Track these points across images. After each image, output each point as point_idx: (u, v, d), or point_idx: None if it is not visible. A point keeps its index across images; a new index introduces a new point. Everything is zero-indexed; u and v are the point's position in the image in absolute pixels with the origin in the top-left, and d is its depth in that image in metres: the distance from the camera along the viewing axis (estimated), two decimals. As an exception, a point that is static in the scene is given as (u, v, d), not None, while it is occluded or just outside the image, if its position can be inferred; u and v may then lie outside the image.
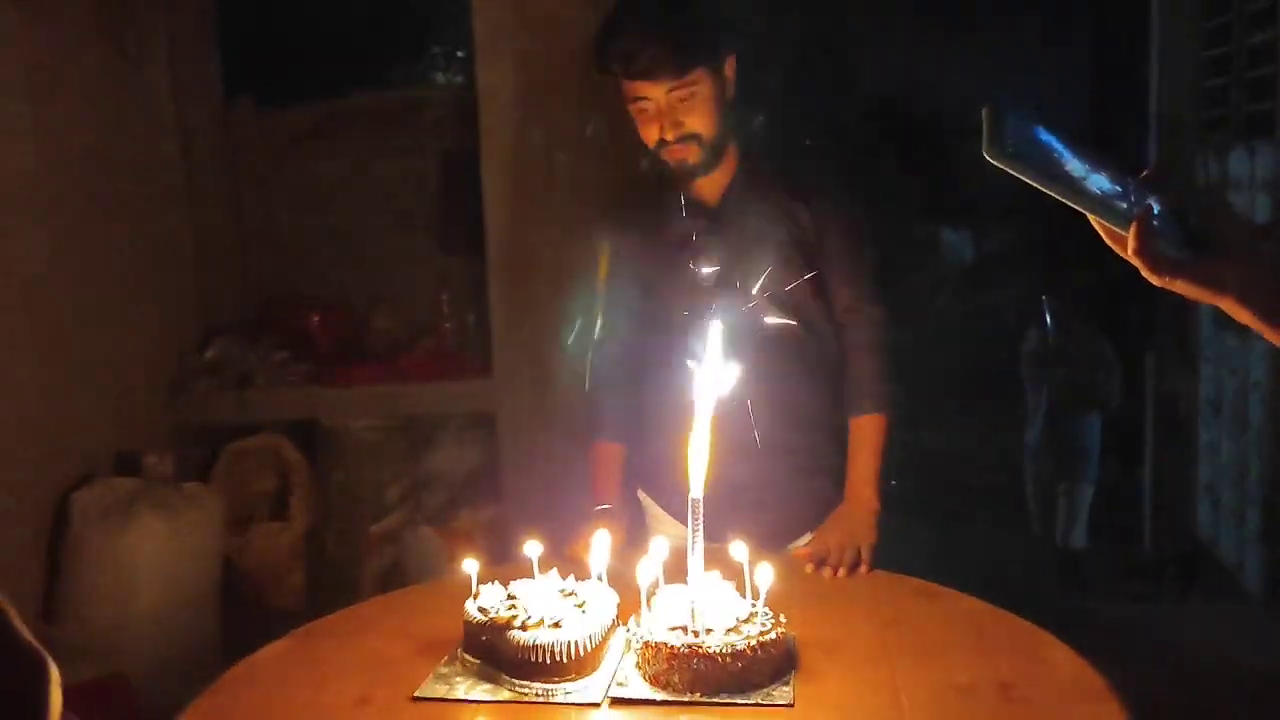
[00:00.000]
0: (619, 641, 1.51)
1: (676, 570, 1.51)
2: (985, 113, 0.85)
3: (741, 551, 1.53)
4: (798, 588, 1.73)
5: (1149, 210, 0.87)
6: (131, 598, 2.90)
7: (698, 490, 1.46)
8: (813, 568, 1.86)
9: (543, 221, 3.11)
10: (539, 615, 1.45)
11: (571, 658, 1.42)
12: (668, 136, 1.88)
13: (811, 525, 1.99)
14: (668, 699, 1.39)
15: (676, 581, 1.51)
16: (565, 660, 1.42)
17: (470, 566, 1.57)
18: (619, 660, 1.48)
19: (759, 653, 1.39)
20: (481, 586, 1.55)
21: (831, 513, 1.98)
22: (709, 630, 1.40)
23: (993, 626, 1.62)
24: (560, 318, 2.27)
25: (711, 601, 1.46)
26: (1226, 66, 3.71)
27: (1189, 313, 3.95)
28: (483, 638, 1.48)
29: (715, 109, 1.89)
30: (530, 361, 3.15)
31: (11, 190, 2.85)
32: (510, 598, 1.52)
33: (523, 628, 1.44)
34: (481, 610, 1.49)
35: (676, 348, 1.47)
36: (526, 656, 1.42)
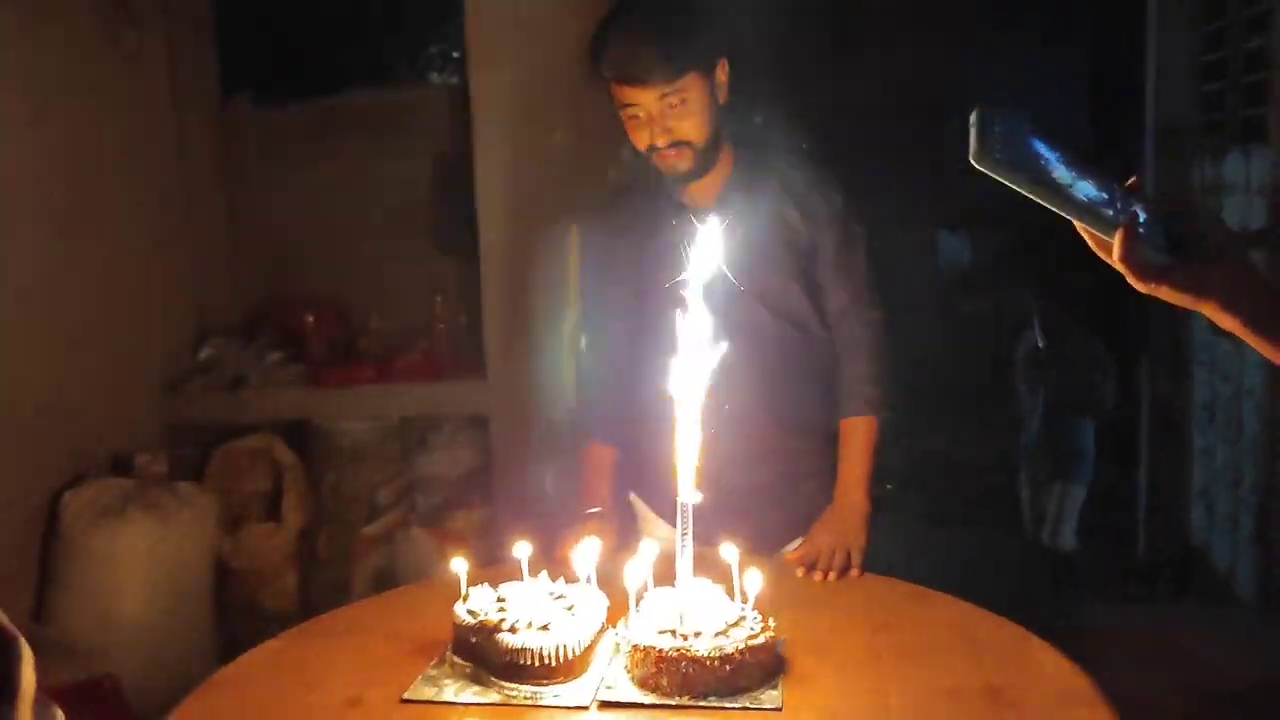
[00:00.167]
0: (608, 644, 1.51)
1: (666, 573, 1.51)
2: (973, 118, 0.84)
3: (731, 555, 1.53)
4: (787, 591, 1.73)
5: (1134, 217, 0.87)
6: (123, 598, 2.90)
7: (686, 494, 1.46)
8: (803, 571, 1.86)
9: (536, 223, 3.11)
10: (528, 618, 1.45)
11: (560, 661, 1.42)
12: (658, 142, 1.88)
13: (802, 530, 1.99)
14: (656, 702, 1.39)
15: (665, 584, 1.51)
16: (554, 663, 1.42)
17: (459, 568, 1.57)
18: (607, 663, 1.48)
19: (747, 656, 1.39)
20: (471, 589, 1.55)
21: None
22: (697, 634, 1.40)
23: (983, 630, 1.61)
24: (553, 320, 2.27)
25: (700, 605, 1.46)
26: (1223, 71, 3.71)
27: (1183, 317, 3.94)
28: (472, 640, 1.48)
29: (707, 114, 1.89)
30: (523, 363, 3.15)
31: (6, 189, 2.85)
32: (499, 600, 1.52)
33: (511, 630, 1.44)
34: (470, 613, 1.49)
35: (667, 350, 1.47)
36: (515, 659, 1.42)
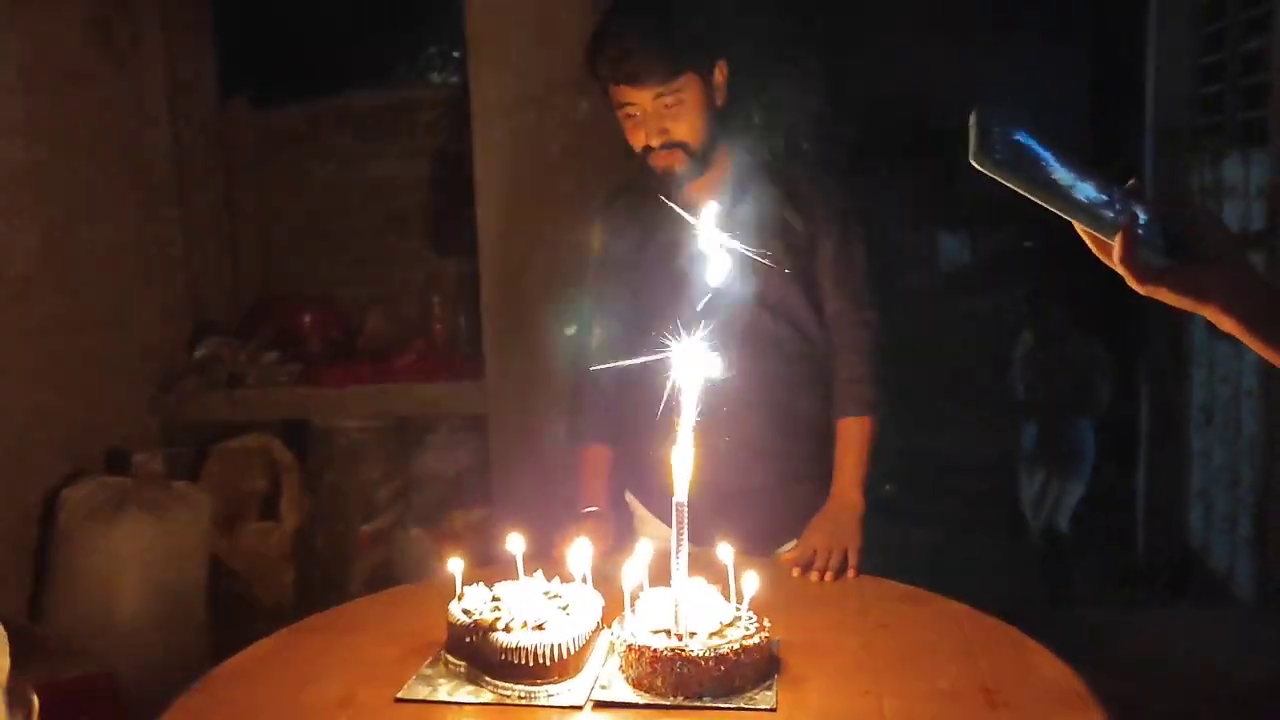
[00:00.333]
0: (603, 644, 1.51)
1: (661, 573, 1.51)
2: (972, 119, 0.84)
3: (727, 555, 1.52)
4: (783, 591, 1.73)
5: (1134, 218, 0.87)
6: (119, 596, 2.89)
7: (682, 494, 1.46)
8: (799, 572, 1.86)
9: (535, 223, 3.11)
10: (523, 617, 1.45)
11: (555, 660, 1.42)
12: (653, 143, 1.88)
13: (797, 531, 1.98)
14: (650, 703, 1.38)
15: (661, 584, 1.51)
16: (548, 663, 1.41)
17: (455, 567, 1.57)
18: (602, 663, 1.47)
19: (742, 657, 1.39)
20: (466, 588, 1.55)
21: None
22: (692, 634, 1.40)
23: (978, 631, 1.61)
24: (552, 319, 2.27)
25: (695, 605, 1.46)
26: (1222, 73, 3.71)
27: (1182, 319, 3.94)
28: (467, 639, 1.47)
29: (703, 116, 1.88)
30: (522, 363, 3.14)
31: (2, 187, 2.85)
32: (494, 599, 1.51)
33: (506, 630, 1.44)
34: (465, 612, 1.49)
35: (664, 351, 1.47)
36: (509, 659, 1.42)
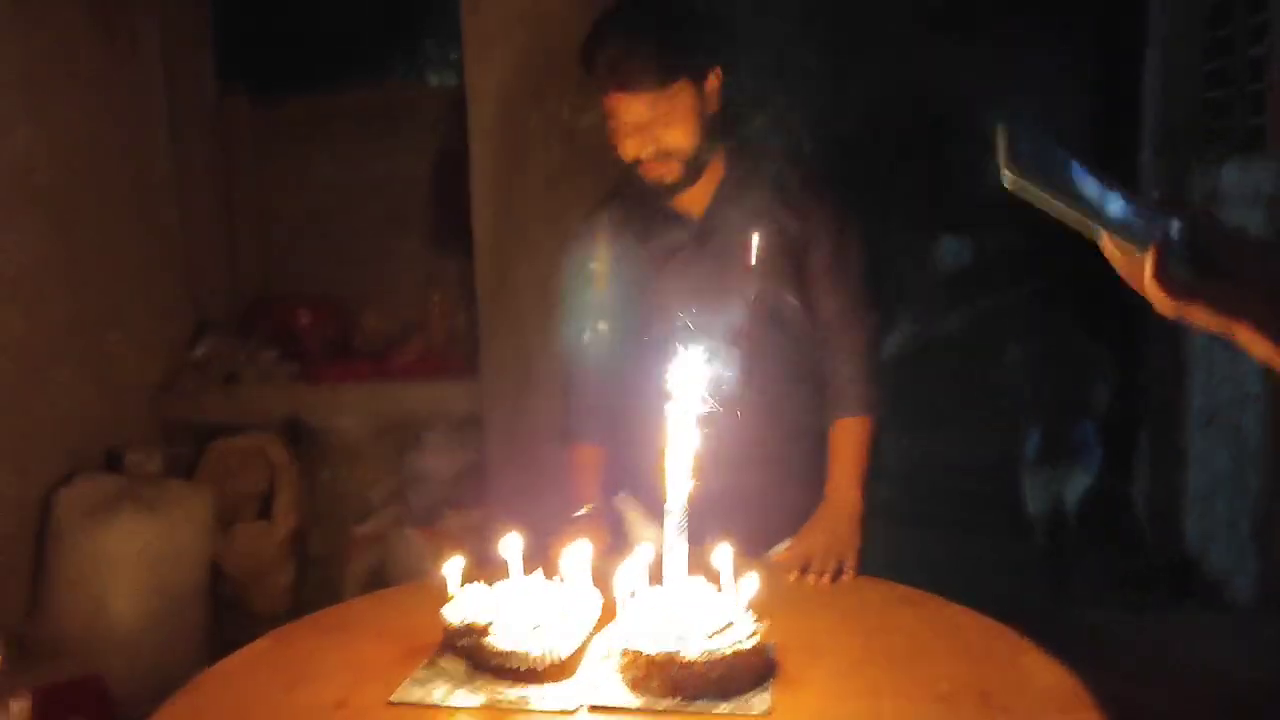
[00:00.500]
0: (598, 647, 1.50)
1: (657, 575, 1.50)
2: (1000, 134, 0.82)
3: (723, 557, 1.51)
4: (779, 594, 1.72)
5: (1166, 233, 0.85)
6: (115, 596, 2.88)
7: (679, 495, 1.45)
8: (796, 575, 1.84)
9: (532, 222, 3.10)
10: (518, 619, 1.44)
11: (550, 663, 1.41)
12: (644, 155, 1.86)
13: (791, 533, 1.97)
14: (646, 705, 1.37)
15: (656, 586, 1.50)
16: (543, 665, 1.40)
17: (450, 569, 1.56)
18: (598, 666, 1.46)
19: (738, 660, 1.38)
20: (462, 589, 1.54)
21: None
22: (688, 636, 1.39)
23: (977, 635, 1.60)
24: (548, 320, 2.26)
25: (691, 607, 1.45)
26: (1226, 79, 3.70)
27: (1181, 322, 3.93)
28: (461, 641, 1.46)
29: (695, 124, 1.87)
30: (518, 363, 3.13)
31: (1, 183, 2.84)
32: (489, 601, 1.50)
33: (501, 632, 1.43)
34: (460, 614, 1.48)
35: (658, 357, 1.46)
36: (504, 661, 1.41)
